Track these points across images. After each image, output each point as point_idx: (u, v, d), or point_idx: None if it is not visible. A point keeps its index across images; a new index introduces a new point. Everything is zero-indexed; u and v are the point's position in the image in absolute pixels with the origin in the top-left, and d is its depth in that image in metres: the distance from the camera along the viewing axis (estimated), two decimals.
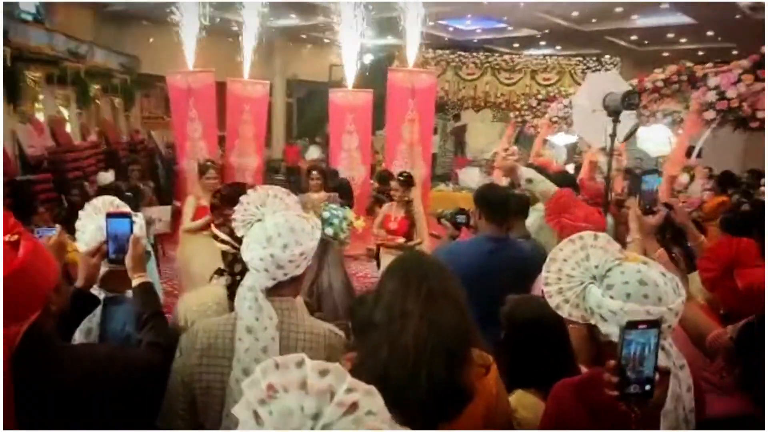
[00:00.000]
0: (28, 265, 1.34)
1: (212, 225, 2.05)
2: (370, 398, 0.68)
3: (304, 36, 15.99)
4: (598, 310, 1.47)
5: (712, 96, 3.58)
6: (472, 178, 10.67)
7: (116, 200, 2.05)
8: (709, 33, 12.12)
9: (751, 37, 11.20)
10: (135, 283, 1.72)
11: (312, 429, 0.66)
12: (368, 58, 17.64)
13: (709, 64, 4.80)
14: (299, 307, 1.72)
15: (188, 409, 1.61)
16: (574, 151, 9.76)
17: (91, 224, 1.94)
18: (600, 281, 1.51)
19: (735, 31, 11.40)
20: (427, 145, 6.80)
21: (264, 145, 8.17)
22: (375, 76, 11.99)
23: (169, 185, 8.64)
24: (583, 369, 1.77)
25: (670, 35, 12.78)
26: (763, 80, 3.49)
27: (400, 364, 1.34)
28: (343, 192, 5.61)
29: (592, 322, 1.50)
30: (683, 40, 13.15)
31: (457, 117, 14.10)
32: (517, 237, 3.24)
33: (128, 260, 1.75)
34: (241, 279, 1.81)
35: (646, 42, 13.79)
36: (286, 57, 16.03)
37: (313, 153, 16.13)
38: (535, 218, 3.70)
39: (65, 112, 9.51)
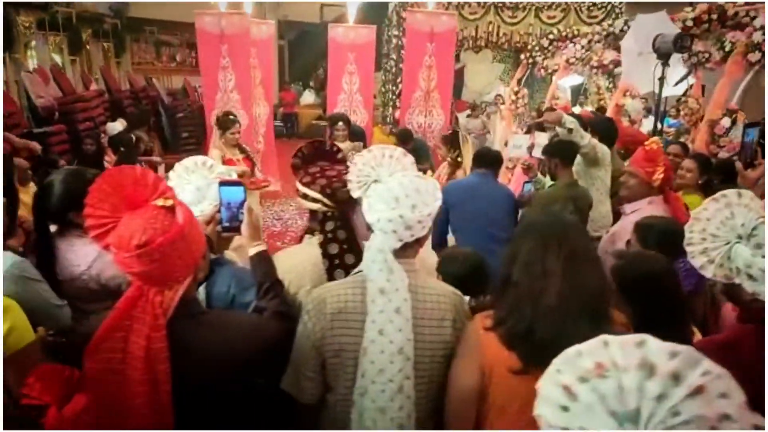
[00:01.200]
0: (187, 231, 1.33)
1: (299, 182, 2.00)
2: (722, 381, 0.66)
3: None
4: (747, 270, 1.47)
5: (758, 36, 3.54)
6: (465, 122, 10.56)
7: (209, 160, 2.02)
8: None
9: None
10: (253, 251, 1.71)
11: (653, 412, 0.65)
12: None
13: (741, 1, 4.74)
14: (420, 269, 1.70)
15: (318, 371, 1.63)
16: (579, 94, 9.69)
17: (187, 186, 1.92)
18: (747, 240, 1.51)
19: None
20: (446, 93, 6.60)
21: (273, 92, 7.86)
22: (372, 16, 11.68)
23: (173, 135, 8.48)
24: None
25: None
26: None
27: (545, 323, 1.36)
28: (358, 139, 5.50)
29: (737, 281, 1.51)
30: None
31: (456, 58, 13.82)
32: (564, 183, 3.28)
33: (245, 229, 1.73)
34: (333, 237, 1.89)
35: None
36: None
37: (308, 98, 15.84)
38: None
39: (58, 59, 9.17)
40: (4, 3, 7.31)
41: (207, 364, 1.37)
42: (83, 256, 2.11)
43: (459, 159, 4.50)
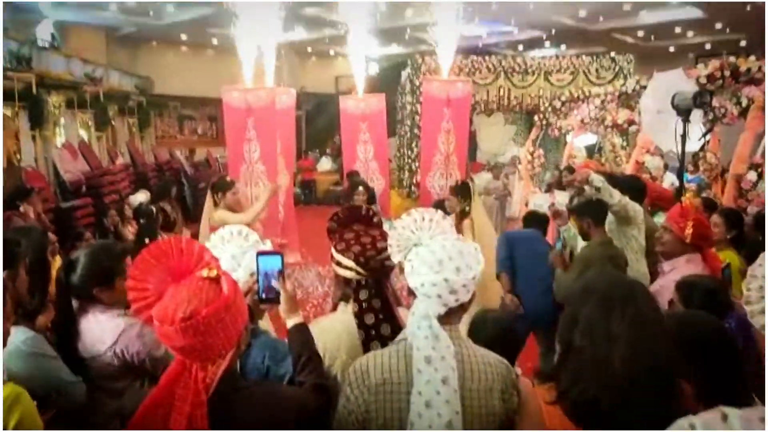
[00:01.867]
0: (231, 302, 1.30)
1: (333, 248, 1.98)
2: None
3: (309, 49, 16.04)
4: None
5: None
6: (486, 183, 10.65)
7: (244, 229, 2.02)
8: (718, 26, 12.16)
9: (760, 27, 11.31)
10: (291, 323, 1.67)
11: None
12: (374, 68, 17.74)
13: (752, 58, 4.81)
14: (464, 337, 1.65)
15: None
16: (593, 152, 9.76)
17: (222, 255, 1.91)
18: None
19: (744, 22, 11.44)
20: (462, 156, 6.70)
21: (293, 160, 7.96)
22: (385, 84, 12.04)
23: (195, 205, 8.62)
24: None
25: (678, 29, 12.83)
26: None
27: (611, 393, 1.26)
28: (371, 203, 5.52)
29: None
30: (690, 34, 13.21)
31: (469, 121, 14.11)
32: (597, 243, 3.25)
33: (283, 301, 1.69)
34: (368, 307, 1.85)
35: (652, 37, 13.84)
36: (293, 70, 16.05)
37: (325, 164, 16.15)
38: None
39: (85, 135, 9.52)
40: (37, 84, 7.68)
41: None
42: (108, 331, 2.09)
43: (467, 210, 4.45)
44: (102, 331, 2.08)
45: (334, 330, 1.88)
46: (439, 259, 1.55)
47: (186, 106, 14.02)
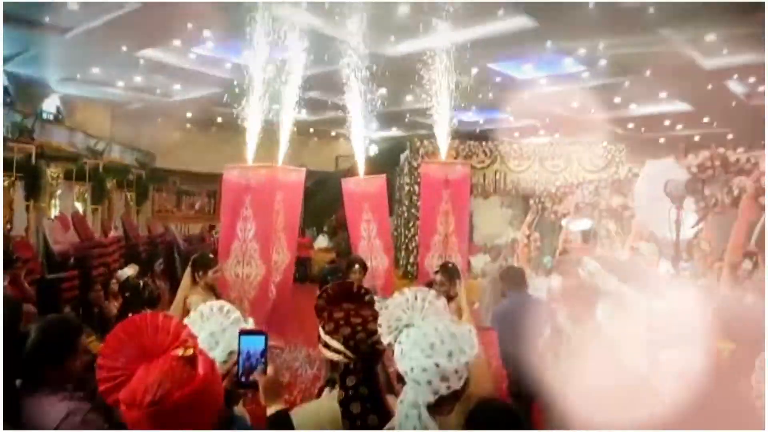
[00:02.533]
0: (207, 385, 1.20)
1: (321, 329, 1.87)
2: None
3: (311, 129, 16.49)
4: None
5: (766, 180, 3.62)
6: (483, 264, 10.60)
7: (226, 305, 1.92)
8: (705, 120, 12.59)
9: (746, 122, 11.73)
10: (271, 411, 1.52)
11: None
12: (373, 149, 18.17)
13: (740, 149, 4.91)
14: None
15: None
16: (588, 237, 9.78)
17: (201, 333, 1.81)
18: None
19: (730, 117, 11.86)
20: (463, 237, 6.67)
21: (296, 238, 7.81)
22: (384, 165, 12.27)
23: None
24: None
25: (667, 122, 13.26)
26: None
27: None
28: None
29: None
30: (679, 127, 13.64)
31: None
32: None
33: (264, 386, 1.54)
34: (355, 395, 1.69)
35: (642, 129, 14.29)
36: (294, 149, 16.40)
37: (322, 242, 16.15)
38: None
39: (80, 207, 9.54)
40: (37, 155, 7.78)
41: None
42: (50, 416, 1.92)
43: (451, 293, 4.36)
44: (43, 415, 1.91)
45: (317, 417, 1.75)
46: (430, 343, 1.47)
47: (185, 182, 14.18)
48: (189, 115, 13.39)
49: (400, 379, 1.52)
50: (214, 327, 1.80)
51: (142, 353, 1.23)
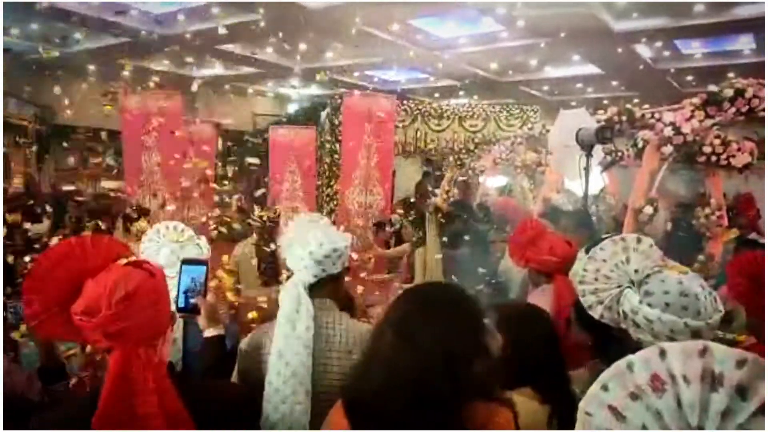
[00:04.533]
0: (163, 280, 1.27)
1: None
2: None
3: (227, 86, 15.84)
4: (633, 316, 1.46)
5: (668, 131, 3.87)
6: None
7: (180, 224, 2.05)
8: (614, 83, 13.24)
9: (651, 85, 12.42)
10: (209, 333, 1.69)
11: (721, 429, 0.56)
12: (293, 107, 17.77)
13: (646, 106, 5.23)
14: (336, 308, 1.89)
15: None
16: (503, 193, 10.16)
17: (161, 250, 1.92)
18: (638, 286, 1.51)
19: (637, 81, 12.54)
20: (386, 172, 6.69)
21: None
22: (305, 123, 12.06)
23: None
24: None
25: (579, 85, 13.83)
26: (712, 117, 3.84)
27: (368, 400, 1.28)
28: None
29: (623, 326, 1.52)
30: (590, 90, 14.28)
31: None
32: None
33: (204, 310, 1.70)
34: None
35: (556, 92, 14.84)
36: (209, 106, 15.73)
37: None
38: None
39: None
40: None
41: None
42: None
43: (419, 239, 4.61)
44: None
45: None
46: (306, 240, 1.82)
47: (91, 139, 13.28)
48: (92, 67, 12.48)
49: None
50: (173, 245, 2.00)
51: (75, 276, 1.19)
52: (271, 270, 4.24)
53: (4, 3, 6.22)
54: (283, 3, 7.95)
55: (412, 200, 5.51)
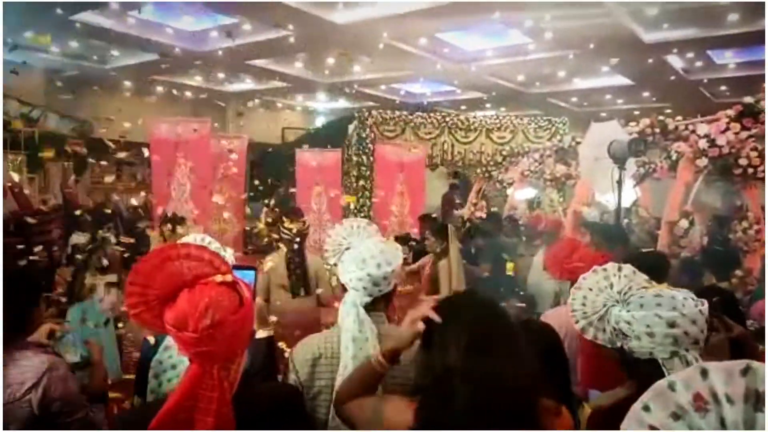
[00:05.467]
0: (251, 307, 1.32)
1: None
2: None
3: (257, 100, 16.11)
4: (617, 326, 1.58)
5: (703, 144, 3.81)
6: None
7: (207, 237, 2.10)
8: (645, 94, 13.06)
9: (684, 96, 12.22)
10: (259, 335, 1.84)
11: None
12: (320, 121, 17.95)
13: (679, 117, 5.16)
14: (387, 321, 1.96)
15: None
16: (533, 205, 10.08)
17: None
18: (623, 304, 1.62)
19: (669, 91, 12.36)
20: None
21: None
22: (333, 136, 12.18)
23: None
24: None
25: (608, 96, 13.69)
26: (748, 129, 3.77)
27: (459, 424, 1.21)
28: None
29: (619, 344, 1.61)
30: (620, 101, 14.11)
31: None
32: None
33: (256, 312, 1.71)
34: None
35: (585, 103, 14.70)
36: (239, 120, 16.02)
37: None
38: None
39: (15, 177, 9.04)
40: None
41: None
42: (31, 370, 1.89)
43: (442, 250, 4.62)
44: (21, 370, 1.86)
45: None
46: (363, 258, 1.86)
47: (126, 152, 13.64)
48: (127, 83, 12.83)
49: (344, 288, 1.92)
50: None
51: (176, 279, 1.27)
52: (302, 282, 4.28)
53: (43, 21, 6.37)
54: (313, 19, 8.09)
55: (433, 215, 5.52)
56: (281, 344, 2.29)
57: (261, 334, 1.84)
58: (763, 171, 3.86)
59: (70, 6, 7.71)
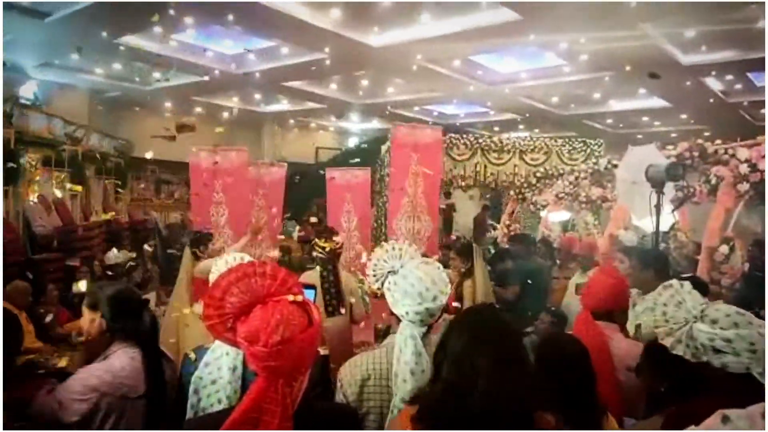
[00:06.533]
0: (319, 328, 1.36)
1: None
2: None
3: (291, 120, 16.40)
4: (711, 344, 1.61)
5: (744, 168, 3.74)
6: None
7: (246, 256, 2.13)
8: (683, 116, 12.84)
9: (723, 118, 11.97)
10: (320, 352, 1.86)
11: None
12: (354, 141, 18.15)
13: (718, 141, 5.07)
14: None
15: None
16: (567, 228, 9.95)
17: None
18: (701, 320, 1.67)
19: (708, 114, 12.13)
20: (434, 201, 6.68)
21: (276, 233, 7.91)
22: (366, 156, 12.30)
23: (167, 267, 8.46)
24: None
25: (645, 118, 13.50)
26: None
27: (468, 421, 1.34)
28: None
29: (705, 358, 1.64)
30: (657, 123, 13.90)
31: (447, 195, 14.41)
32: None
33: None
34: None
35: (620, 125, 14.53)
36: (274, 140, 16.32)
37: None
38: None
39: (58, 193, 9.39)
40: (15, 140, 7.64)
41: None
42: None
43: (470, 270, 4.54)
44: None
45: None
46: (419, 292, 1.84)
47: (164, 171, 14.04)
48: (168, 104, 13.23)
49: (393, 314, 1.92)
50: None
51: (251, 296, 1.35)
52: (336, 300, 4.32)
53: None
54: (349, 41, 8.25)
55: (461, 240, 5.47)
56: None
57: (322, 352, 1.86)
58: None
59: (115, 29, 8.02)
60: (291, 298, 1.34)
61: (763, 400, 1.22)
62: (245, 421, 1.26)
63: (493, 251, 6.87)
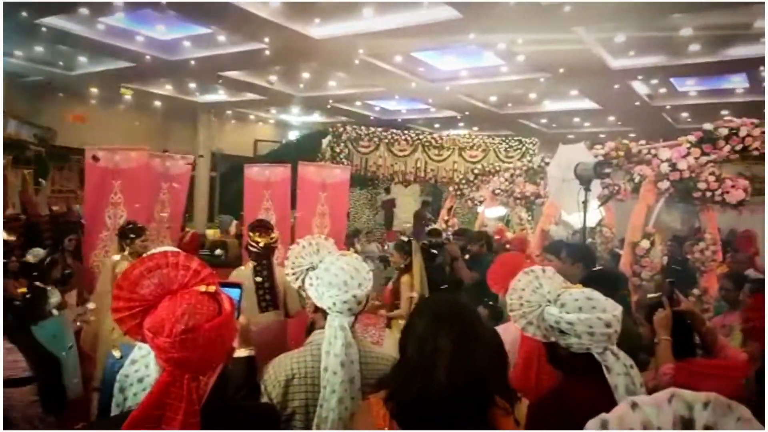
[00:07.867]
0: (230, 321, 1.29)
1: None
2: (754, 424, 0.64)
3: (229, 111, 16.01)
4: (557, 325, 1.75)
5: (665, 167, 3.94)
6: None
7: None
8: (611, 118, 13.43)
9: (647, 121, 12.60)
10: (241, 354, 1.78)
11: None
12: (294, 135, 17.91)
13: (642, 142, 5.32)
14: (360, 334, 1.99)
15: None
16: (501, 223, 10.21)
17: None
18: (554, 303, 1.80)
19: (633, 116, 12.74)
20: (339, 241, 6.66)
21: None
22: (306, 150, 12.17)
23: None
24: None
25: (576, 119, 14.03)
26: (707, 154, 3.91)
27: (433, 397, 1.38)
28: None
29: (552, 339, 1.80)
30: (587, 124, 14.48)
31: (387, 191, 14.45)
32: None
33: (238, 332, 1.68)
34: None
35: (554, 125, 15.04)
36: (210, 131, 15.86)
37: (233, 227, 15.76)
38: None
39: None
40: None
41: None
42: None
43: (407, 265, 4.70)
44: None
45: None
46: (344, 281, 1.84)
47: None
48: (94, 90, 12.62)
49: (318, 310, 1.90)
50: None
51: (161, 287, 1.28)
52: (270, 294, 4.22)
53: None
54: (289, 32, 8.11)
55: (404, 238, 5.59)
56: None
57: (242, 353, 1.78)
58: (720, 195, 4.01)
59: (36, 9, 7.55)
60: (203, 288, 1.28)
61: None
62: (146, 417, 1.19)
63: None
